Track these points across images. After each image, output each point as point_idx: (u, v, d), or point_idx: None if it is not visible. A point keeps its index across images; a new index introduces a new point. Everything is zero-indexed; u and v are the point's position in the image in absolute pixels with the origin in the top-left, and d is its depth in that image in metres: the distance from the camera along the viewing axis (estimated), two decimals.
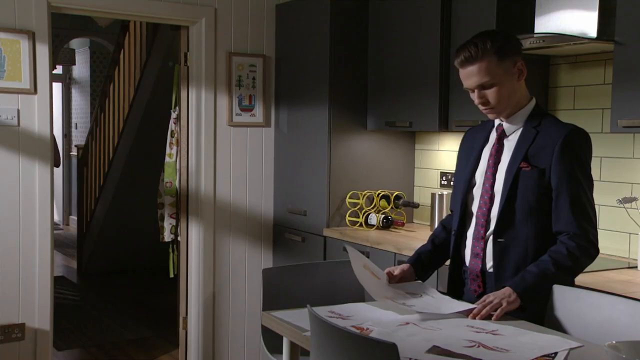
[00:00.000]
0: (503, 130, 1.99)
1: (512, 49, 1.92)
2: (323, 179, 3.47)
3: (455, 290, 2.06)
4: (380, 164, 3.57)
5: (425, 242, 2.21)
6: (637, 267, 2.49)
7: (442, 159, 3.51)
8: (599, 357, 1.52)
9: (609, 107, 2.52)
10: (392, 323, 1.75)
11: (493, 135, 2.03)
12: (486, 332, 1.68)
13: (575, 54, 2.79)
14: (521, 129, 1.96)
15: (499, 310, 1.78)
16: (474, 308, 1.81)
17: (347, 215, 3.45)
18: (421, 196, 3.61)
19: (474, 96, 1.95)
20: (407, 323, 1.75)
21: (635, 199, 2.56)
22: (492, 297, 1.81)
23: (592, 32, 2.52)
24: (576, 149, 1.88)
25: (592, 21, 2.52)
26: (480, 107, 1.97)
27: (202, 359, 3.73)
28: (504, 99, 1.92)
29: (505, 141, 1.98)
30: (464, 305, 1.87)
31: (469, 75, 1.91)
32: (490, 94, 1.91)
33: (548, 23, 2.64)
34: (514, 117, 1.96)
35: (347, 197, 3.47)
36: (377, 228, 3.37)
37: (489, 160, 1.99)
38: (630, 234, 2.64)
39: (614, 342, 1.36)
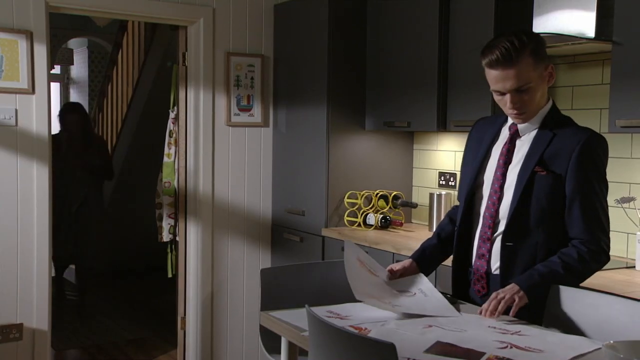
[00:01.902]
0: (517, 130, 1.93)
1: (544, 51, 1.84)
2: (321, 179, 3.47)
3: (459, 291, 2.04)
4: (378, 164, 3.57)
5: (428, 237, 2.19)
6: (635, 266, 2.49)
7: (441, 159, 3.51)
8: (597, 356, 1.52)
9: (607, 107, 2.52)
10: (416, 327, 1.72)
11: (505, 133, 1.97)
12: (512, 334, 1.66)
13: (574, 54, 2.79)
14: (536, 131, 1.90)
15: (514, 307, 1.76)
16: (482, 309, 1.80)
17: (345, 215, 3.45)
18: (419, 196, 3.61)
19: (505, 99, 1.84)
20: (430, 326, 1.72)
21: (633, 199, 2.57)
22: (502, 293, 1.79)
23: (590, 32, 2.52)
24: (594, 156, 1.84)
25: (590, 21, 2.52)
26: (510, 112, 1.87)
27: (201, 359, 3.73)
28: (536, 103, 1.85)
29: (517, 141, 1.93)
30: (452, 311, 1.86)
31: (504, 78, 1.79)
32: (526, 98, 1.82)
33: (546, 23, 2.64)
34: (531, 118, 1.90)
35: (346, 197, 3.47)
36: (376, 228, 3.37)
37: (499, 160, 1.93)
38: (628, 233, 2.64)
39: (611, 342, 1.36)
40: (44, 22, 3.22)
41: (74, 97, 9.03)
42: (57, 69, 8.81)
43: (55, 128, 4.12)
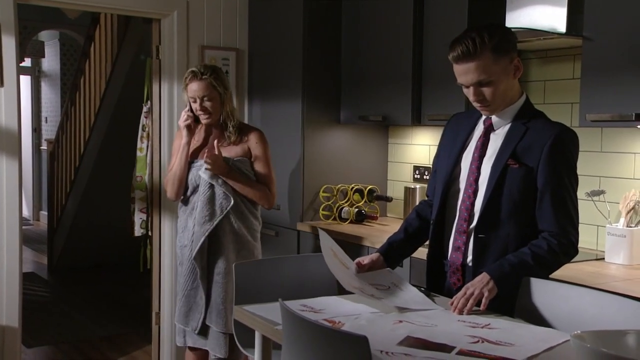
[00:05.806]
0: (491, 124, 1.96)
1: (509, 45, 1.88)
2: (296, 173, 3.47)
3: (434, 283, 2.05)
4: (353, 157, 3.57)
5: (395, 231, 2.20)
6: (604, 258, 2.53)
7: (415, 153, 3.52)
8: (566, 348, 1.54)
9: (578, 101, 2.55)
10: (386, 322, 1.72)
11: (480, 127, 2.00)
12: (482, 327, 1.67)
13: (546, 48, 2.83)
14: (510, 124, 1.94)
15: (484, 300, 1.79)
16: (453, 301, 1.82)
17: (320, 209, 3.46)
18: (394, 190, 3.62)
19: (469, 92, 1.90)
20: (401, 321, 1.72)
21: (603, 192, 2.61)
22: (471, 288, 1.81)
23: (562, 27, 2.55)
24: (565, 150, 1.87)
25: (561, 17, 2.55)
26: (476, 104, 1.92)
27: (175, 354, 3.70)
28: (500, 96, 1.89)
29: (492, 134, 1.96)
30: (430, 304, 1.88)
31: (465, 72, 1.86)
32: (487, 91, 1.87)
33: (519, 18, 2.67)
34: (503, 112, 1.93)
35: (321, 191, 3.47)
36: (351, 222, 3.38)
37: (474, 153, 1.97)
38: (598, 226, 2.69)
39: (579, 332, 1.38)
40: (12, 13, 3.16)
41: (45, 90, 8.88)
42: (27, 62, 8.64)
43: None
